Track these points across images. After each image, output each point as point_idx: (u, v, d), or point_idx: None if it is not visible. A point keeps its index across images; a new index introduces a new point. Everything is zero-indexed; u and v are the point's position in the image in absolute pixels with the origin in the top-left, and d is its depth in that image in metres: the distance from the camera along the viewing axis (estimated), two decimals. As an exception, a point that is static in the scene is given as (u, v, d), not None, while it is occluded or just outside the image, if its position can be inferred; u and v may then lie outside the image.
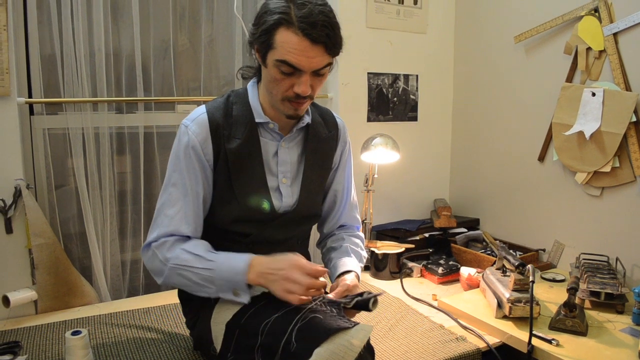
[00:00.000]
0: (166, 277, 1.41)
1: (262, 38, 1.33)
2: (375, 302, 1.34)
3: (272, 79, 1.36)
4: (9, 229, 1.88)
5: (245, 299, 1.35)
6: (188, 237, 1.44)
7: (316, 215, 1.66)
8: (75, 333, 1.46)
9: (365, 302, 1.33)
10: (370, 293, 1.36)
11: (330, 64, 1.37)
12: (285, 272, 1.30)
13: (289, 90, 1.36)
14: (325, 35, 1.30)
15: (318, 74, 1.36)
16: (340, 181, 1.69)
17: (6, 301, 1.83)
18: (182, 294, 1.58)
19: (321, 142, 1.58)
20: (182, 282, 1.40)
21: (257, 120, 1.46)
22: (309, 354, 1.16)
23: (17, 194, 1.87)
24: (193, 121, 1.44)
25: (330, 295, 1.39)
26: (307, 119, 1.53)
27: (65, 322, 1.86)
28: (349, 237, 1.70)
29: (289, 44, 1.29)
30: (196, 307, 1.51)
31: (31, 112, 2.02)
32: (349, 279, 1.46)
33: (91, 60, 2.06)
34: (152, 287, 2.24)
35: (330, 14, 1.33)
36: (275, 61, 1.32)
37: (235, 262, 1.35)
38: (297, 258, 1.34)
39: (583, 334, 1.69)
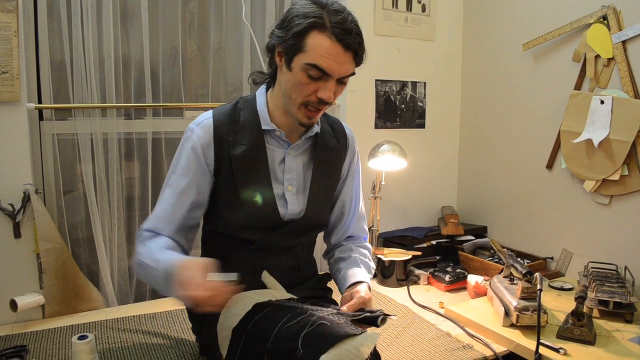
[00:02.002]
0: (135, 271, 1.44)
1: (290, 41, 1.33)
2: (384, 320, 1.33)
3: (296, 82, 1.35)
4: (17, 234, 1.89)
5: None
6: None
7: (323, 224, 1.66)
8: (81, 338, 1.46)
9: (374, 318, 1.33)
10: (381, 312, 1.35)
11: (353, 73, 1.38)
12: (182, 280, 1.22)
13: (311, 95, 1.36)
14: (357, 43, 1.32)
15: (342, 81, 1.37)
16: (349, 192, 1.68)
17: (14, 305, 1.84)
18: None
19: (329, 152, 1.58)
20: (144, 277, 1.42)
21: (263, 127, 1.46)
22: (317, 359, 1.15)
23: (26, 199, 1.88)
24: (198, 125, 1.45)
25: (344, 308, 1.37)
26: (316, 128, 1.53)
27: (72, 326, 1.87)
28: (357, 247, 1.69)
29: (321, 47, 1.30)
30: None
31: (40, 118, 2.03)
32: (363, 291, 1.44)
33: (100, 67, 2.07)
34: (159, 292, 2.24)
35: (358, 23, 1.35)
36: (305, 64, 1.32)
37: (166, 262, 1.29)
38: (195, 268, 1.23)
39: (591, 343, 1.68)
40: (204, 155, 1.43)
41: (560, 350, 1.62)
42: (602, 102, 2.13)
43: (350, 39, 1.30)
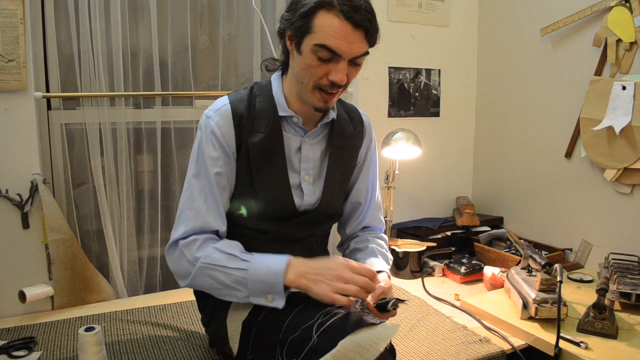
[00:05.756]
0: (193, 277, 1.33)
1: (298, 22, 1.28)
2: (395, 304, 1.30)
3: (307, 66, 1.30)
4: (25, 224, 1.87)
5: (279, 303, 1.26)
6: (217, 233, 1.38)
7: (338, 214, 1.61)
8: (88, 329, 1.43)
9: (384, 303, 1.29)
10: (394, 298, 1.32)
11: (366, 54, 1.32)
12: (336, 272, 1.24)
13: (323, 78, 1.31)
14: (367, 20, 1.27)
15: (355, 63, 1.32)
16: (365, 180, 1.63)
17: (22, 296, 1.83)
18: (198, 291, 1.55)
19: (346, 139, 1.53)
20: (210, 283, 1.31)
21: (280, 113, 1.41)
22: (332, 348, 1.12)
23: (34, 189, 1.86)
24: (216, 112, 1.39)
25: (368, 299, 1.32)
26: (332, 115, 1.48)
27: (81, 318, 1.85)
28: (373, 238, 1.64)
29: (329, 27, 1.25)
30: (212, 304, 1.47)
31: (49, 107, 2.01)
32: (383, 281, 1.38)
33: (109, 57, 2.04)
34: (169, 284, 2.22)
35: (369, 1, 1.29)
36: (314, 46, 1.27)
37: (273, 262, 1.28)
38: (346, 259, 1.29)
39: (613, 336, 1.63)
40: (226, 143, 1.38)
41: (581, 344, 1.57)
42: (624, 87, 2.06)
43: (360, 16, 1.25)
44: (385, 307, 1.29)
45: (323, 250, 1.63)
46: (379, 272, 1.45)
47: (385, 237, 1.69)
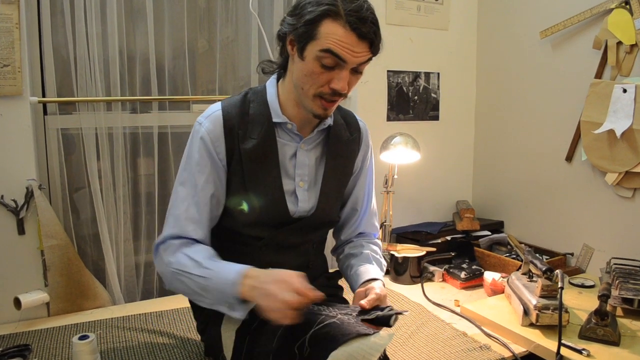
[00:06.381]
0: (169, 282, 1.35)
1: (302, 29, 1.26)
2: (396, 318, 1.28)
3: (309, 72, 1.28)
4: (21, 230, 1.86)
5: (239, 314, 1.23)
6: (194, 240, 1.37)
7: (334, 221, 1.60)
8: (82, 337, 1.42)
9: (386, 318, 1.27)
10: (391, 309, 1.29)
11: (369, 60, 1.31)
12: (270, 287, 1.18)
13: (324, 86, 1.29)
14: (373, 32, 1.26)
15: (357, 70, 1.31)
16: (361, 187, 1.62)
17: (17, 303, 1.81)
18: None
19: (342, 145, 1.51)
20: (182, 288, 1.32)
21: (274, 119, 1.40)
22: (324, 358, 1.10)
23: (29, 195, 1.84)
24: (207, 118, 1.39)
25: (363, 302, 1.30)
26: (329, 121, 1.46)
27: (77, 325, 1.83)
28: (367, 244, 1.63)
29: (335, 35, 1.23)
30: (207, 311, 1.45)
31: (45, 112, 1.99)
32: (378, 288, 1.37)
33: (105, 61, 2.02)
34: (166, 289, 2.20)
35: (374, 12, 1.29)
36: (319, 52, 1.25)
37: (229, 272, 1.24)
38: (290, 275, 1.20)
39: (615, 343, 1.60)
40: (215, 149, 1.37)
41: (583, 352, 1.55)
42: (625, 90, 2.04)
43: (366, 28, 1.24)
44: (388, 322, 1.26)
45: (319, 256, 1.62)
46: (373, 279, 1.44)
47: (380, 242, 1.68)
